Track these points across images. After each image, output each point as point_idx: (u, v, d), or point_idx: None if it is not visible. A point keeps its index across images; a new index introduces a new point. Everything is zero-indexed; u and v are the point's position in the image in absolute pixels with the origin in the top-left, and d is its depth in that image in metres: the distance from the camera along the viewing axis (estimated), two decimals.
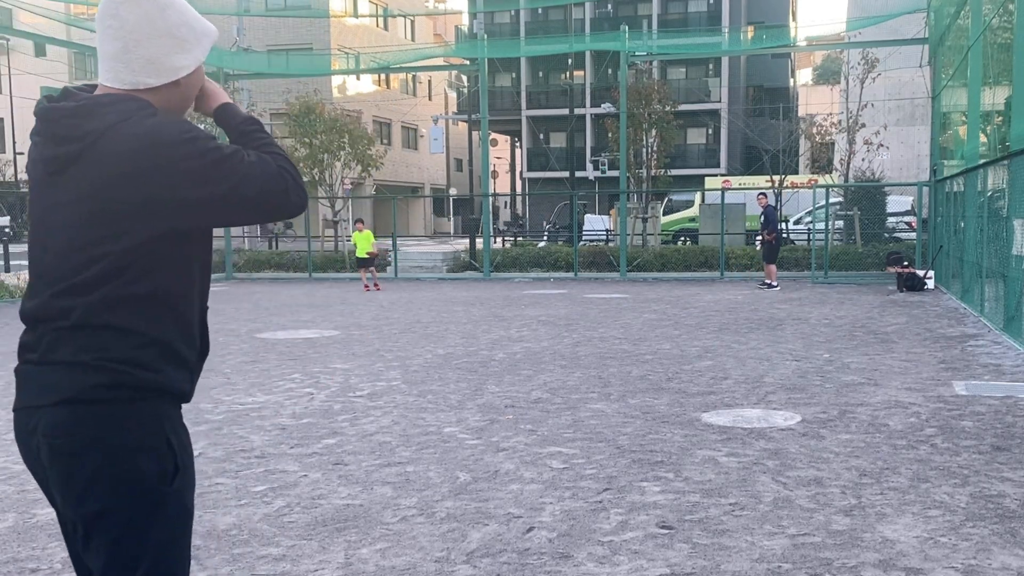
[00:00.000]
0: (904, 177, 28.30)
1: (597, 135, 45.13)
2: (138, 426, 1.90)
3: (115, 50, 1.97)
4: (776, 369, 8.20)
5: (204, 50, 2.06)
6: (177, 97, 2.04)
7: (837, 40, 29.97)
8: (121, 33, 1.96)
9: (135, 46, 1.96)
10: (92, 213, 1.89)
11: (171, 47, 1.99)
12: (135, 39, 1.96)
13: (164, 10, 1.98)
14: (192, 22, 2.03)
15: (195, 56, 2.04)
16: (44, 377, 1.90)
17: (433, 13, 58.29)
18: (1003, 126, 11.63)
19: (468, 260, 23.60)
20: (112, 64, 1.98)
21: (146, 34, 1.97)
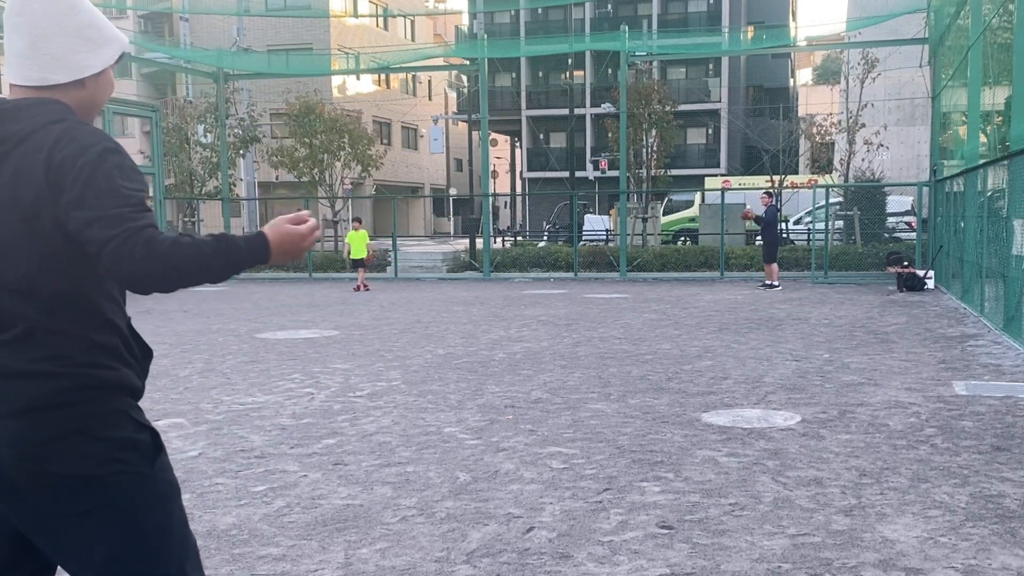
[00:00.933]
0: (904, 177, 28.30)
1: (597, 135, 45.13)
2: (110, 421, 1.91)
3: (23, 47, 1.98)
4: (776, 369, 8.20)
5: (112, 54, 2.06)
6: (84, 98, 2.04)
7: (837, 40, 29.96)
8: (28, 29, 1.97)
9: (42, 42, 1.97)
10: (7, 218, 1.89)
11: (78, 45, 2.00)
12: (42, 35, 1.97)
13: (72, 8, 2.00)
14: (100, 25, 2.05)
15: (102, 57, 2.04)
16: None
17: (433, 13, 58.29)
18: (1003, 126, 11.63)
19: (468, 260, 23.61)
20: (20, 61, 1.98)
21: (53, 31, 1.97)
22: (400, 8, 50.78)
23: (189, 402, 7.07)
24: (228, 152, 24.93)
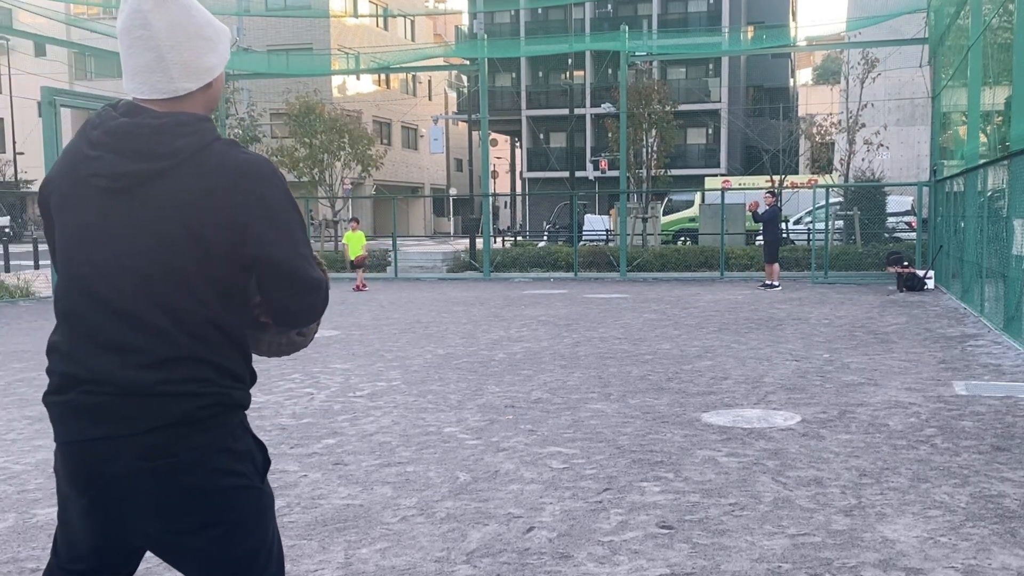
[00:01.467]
0: (904, 177, 28.30)
1: (597, 135, 45.13)
2: (232, 436, 1.96)
3: (149, 60, 1.96)
4: (776, 369, 8.20)
5: (227, 48, 2.07)
6: (210, 99, 2.06)
7: (837, 40, 29.96)
8: (153, 43, 1.95)
9: (170, 52, 1.96)
10: (177, 236, 1.87)
11: (203, 48, 2.00)
12: (169, 45, 1.96)
13: (190, 12, 1.99)
14: (212, 21, 2.05)
15: (221, 54, 2.05)
16: (127, 407, 1.89)
17: (433, 13, 58.30)
18: (1003, 126, 11.63)
19: (468, 260, 23.60)
20: (147, 76, 1.97)
21: (179, 39, 1.96)
22: (400, 8, 50.78)
23: None
24: None
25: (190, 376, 1.89)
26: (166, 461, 1.88)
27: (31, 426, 6.33)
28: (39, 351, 9.95)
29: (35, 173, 41.28)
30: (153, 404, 1.88)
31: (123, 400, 1.88)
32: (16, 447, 5.76)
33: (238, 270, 1.91)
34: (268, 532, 2.03)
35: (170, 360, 1.89)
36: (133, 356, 1.88)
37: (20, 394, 7.50)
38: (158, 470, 1.88)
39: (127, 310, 1.89)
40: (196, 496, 1.90)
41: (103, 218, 1.91)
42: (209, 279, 1.89)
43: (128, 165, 1.89)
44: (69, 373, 1.94)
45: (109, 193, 1.90)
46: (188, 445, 1.89)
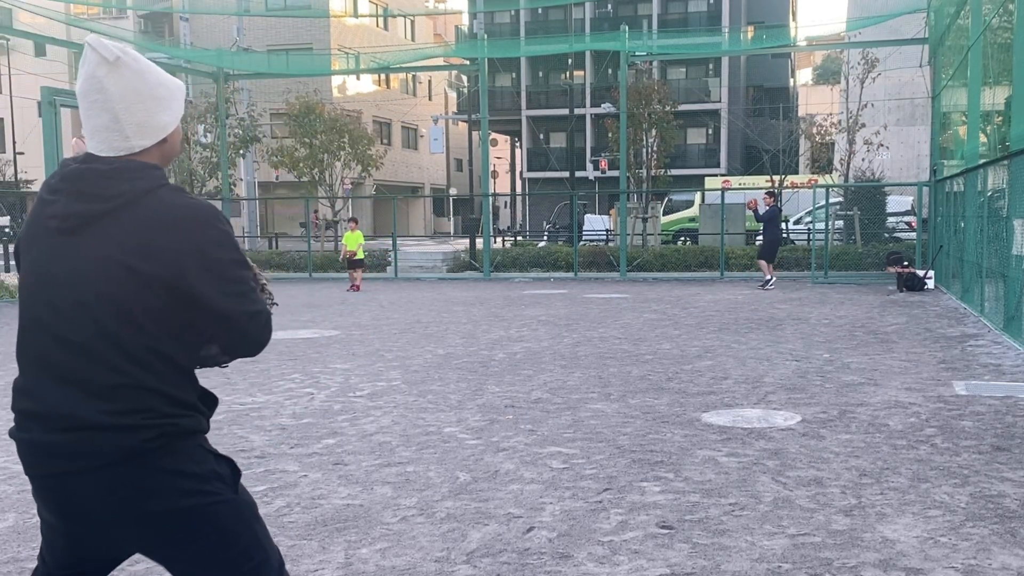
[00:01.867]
0: (904, 177, 28.31)
1: (597, 135, 45.14)
2: (191, 460, 2.05)
3: (106, 121, 2.09)
4: (776, 369, 8.20)
5: (180, 104, 2.20)
6: (166, 152, 2.19)
7: (837, 40, 29.96)
8: (109, 105, 2.08)
9: (124, 113, 2.09)
10: (118, 273, 1.99)
11: (156, 108, 2.13)
12: (123, 107, 2.09)
13: (143, 75, 2.12)
14: (166, 81, 2.18)
15: (175, 112, 2.17)
16: (80, 444, 1.98)
17: (433, 13, 58.30)
18: (1003, 126, 11.63)
19: (468, 260, 23.60)
20: (104, 135, 2.10)
21: (132, 100, 2.09)
22: (400, 8, 50.78)
23: None
24: (228, 152, 24.93)
25: (134, 407, 1.98)
26: (127, 491, 1.97)
27: None
28: None
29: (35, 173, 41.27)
30: (102, 439, 1.96)
31: (76, 435, 1.97)
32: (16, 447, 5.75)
33: (179, 305, 2.02)
34: (253, 533, 2.13)
35: (114, 387, 1.98)
36: (82, 387, 1.99)
37: None
38: (124, 500, 1.98)
39: (77, 343, 1.99)
40: (167, 519, 2.01)
41: (57, 258, 2.04)
42: (150, 311, 2.00)
43: (77, 206, 2.02)
44: (28, 410, 2.05)
45: (62, 233, 2.03)
46: (144, 475, 1.98)
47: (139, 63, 2.13)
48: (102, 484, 1.97)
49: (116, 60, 2.09)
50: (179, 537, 2.03)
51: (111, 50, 2.10)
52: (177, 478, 2.01)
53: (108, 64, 2.09)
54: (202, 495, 2.04)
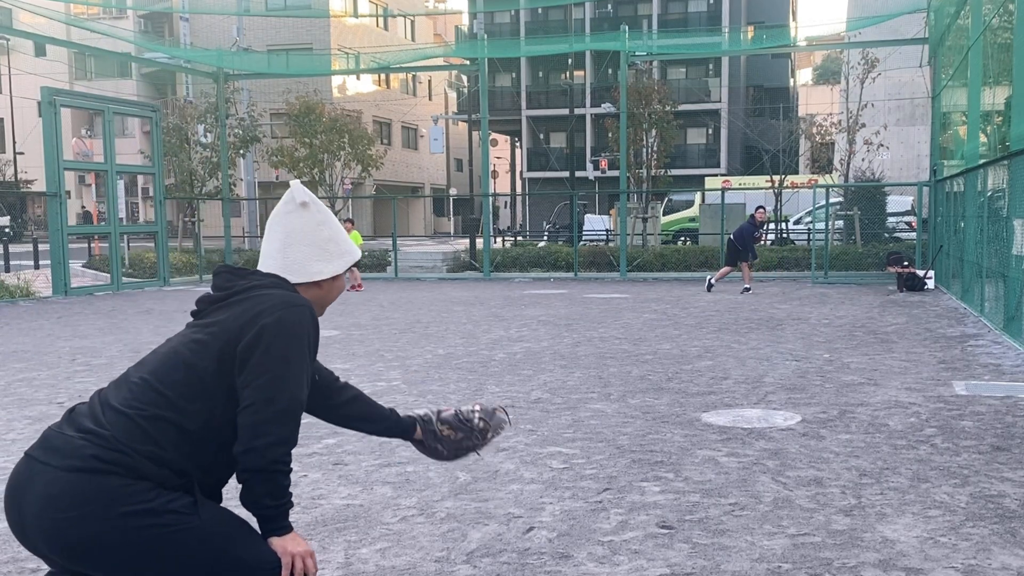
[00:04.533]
0: (904, 177, 28.31)
1: (597, 135, 45.13)
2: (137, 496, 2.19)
3: (275, 248, 2.44)
4: (776, 369, 8.20)
5: (343, 265, 2.49)
6: (317, 295, 2.47)
7: (837, 40, 29.97)
8: (282, 234, 2.44)
9: (288, 246, 2.43)
10: (214, 349, 2.28)
11: (317, 255, 2.44)
12: (291, 241, 2.43)
13: (319, 225, 2.45)
14: (340, 240, 2.49)
15: (334, 267, 2.47)
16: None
17: (433, 13, 58.30)
18: (1003, 126, 11.62)
19: (468, 260, 23.60)
20: (270, 258, 2.44)
21: (300, 241, 2.43)
22: (400, 8, 50.78)
23: None
24: (228, 152, 24.92)
25: (119, 441, 2.22)
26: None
27: (31, 426, 6.33)
28: (39, 351, 9.95)
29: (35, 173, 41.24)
30: (69, 446, 2.24)
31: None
32: (16, 447, 5.76)
33: (227, 392, 2.25)
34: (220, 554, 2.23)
35: (125, 421, 2.27)
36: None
37: (20, 394, 7.50)
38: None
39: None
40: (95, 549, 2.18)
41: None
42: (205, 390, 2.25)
43: (209, 295, 2.40)
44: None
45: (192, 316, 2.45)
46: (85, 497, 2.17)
47: (322, 215, 2.46)
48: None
49: (303, 204, 2.45)
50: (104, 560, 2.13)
51: (303, 195, 2.46)
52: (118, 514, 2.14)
53: (295, 204, 2.45)
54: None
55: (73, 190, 45.40)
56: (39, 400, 7.23)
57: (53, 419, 6.51)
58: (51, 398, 7.31)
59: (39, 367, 8.87)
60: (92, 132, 44.77)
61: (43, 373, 8.51)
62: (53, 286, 17.34)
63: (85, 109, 25.66)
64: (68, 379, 8.18)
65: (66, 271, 17.43)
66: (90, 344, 10.48)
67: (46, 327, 12.29)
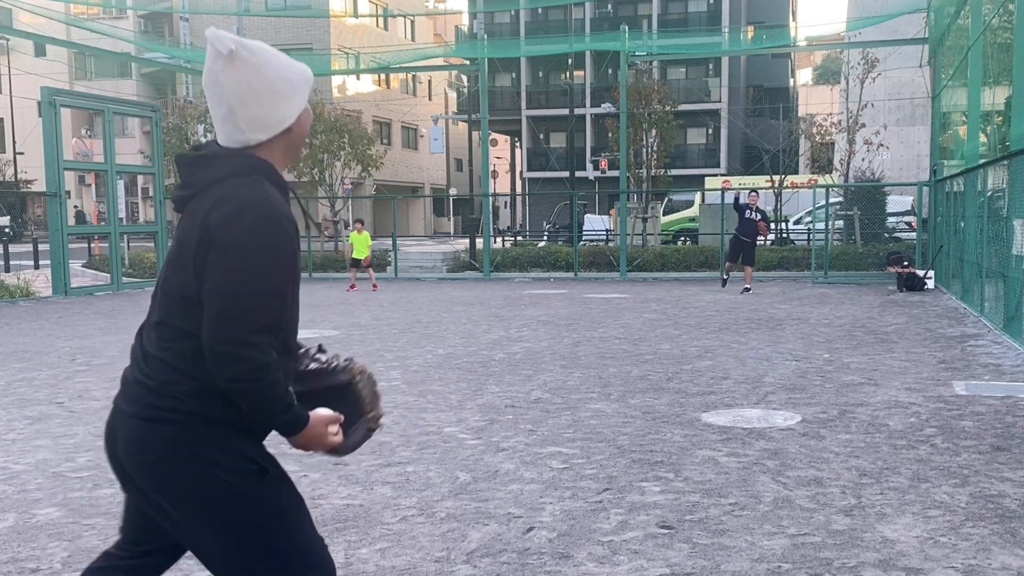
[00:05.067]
0: (904, 177, 28.31)
1: (597, 135, 45.13)
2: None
3: (223, 113, 2.14)
4: (776, 369, 8.20)
5: (303, 96, 2.20)
6: (291, 143, 2.22)
7: (837, 40, 29.97)
8: (224, 98, 2.12)
9: (240, 107, 2.12)
10: (185, 256, 2.10)
11: (272, 102, 2.13)
12: (238, 101, 2.11)
13: (260, 70, 2.12)
14: (287, 73, 2.17)
15: (296, 105, 2.18)
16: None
17: (433, 13, 58.30)
18: (1003, 126, 11.62)
19: (468, 260, 23.60)
20: (223, 126, 2.15)
21: (247, 96, 2.11)
22: (400, 8, 50.78)
23: None
24: None
25: (157, 374, 2.18)
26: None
27: (31, 426, 6.33)
28: (39, 351, 9.95)
29: (35, 173, 41.24)
30: (132, 391, 2.25)
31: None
32: (16, 447, 5.76)
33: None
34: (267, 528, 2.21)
35: (144, 356, 2.22)
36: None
37: (20, 394, 7.50)
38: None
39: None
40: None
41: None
42: (189, 295, 2.11)
43: (178, 192, 2.18)
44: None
45: (177, 215, 2.21)
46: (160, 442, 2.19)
47: (256, 56, 2.12)
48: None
49: (230, 54, 2.10)
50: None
51: (226, 43, 2.10)
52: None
53: (223, 58, 2.10)
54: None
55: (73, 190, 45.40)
56: (39, 400, 7.23)
57: (53, 419, 6.52)
58: (51, 398, 7.31)
59: (39, 367, 8.87)
60: (92, 132, 44.80)
61: (43, 373, 8.51)
62: (53, 286, 17.34)
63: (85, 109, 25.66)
64: (68, 379, 8.18)
65: (66, 271, 17.43)
66: (90, 344, 10.48)
67: (46, 327, 12.29)
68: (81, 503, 4.59)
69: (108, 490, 4.76)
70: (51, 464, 5.35)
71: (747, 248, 16.37)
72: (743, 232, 16.31)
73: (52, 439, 5.94)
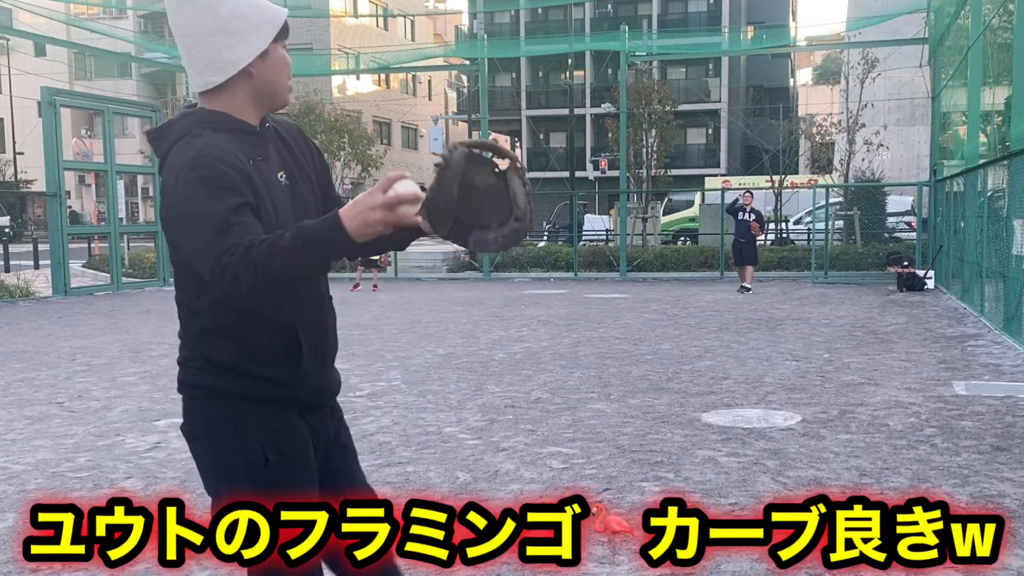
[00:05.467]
0: (904, 177, 28.31)
1: (597, 135, 45.13)
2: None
3: (184, 57, 2.08)
4: (776, 369, 8.19)
5: (264, 37, 2.06)
6: (255, 87, 2.08)
7: (837, 40, 29.97)
8: (181, 39, 2.06)
9: (194, 48, 2.04)
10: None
11: (226, 42, 2.02)
12: (192, 41, 2.04)
13: (212, 7, 2.02)
14: (245, 12, 2.04)
15: (253, 45, 2.04)
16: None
17: (433, 13, 58.30)
18: (1003, 126, 11.63)
19: (468, 260, 23.60)
20: (189, 73, 2.10)
21: (200, 34, 2.02)
22: (400, 8, 50.77)
23: None
24: None
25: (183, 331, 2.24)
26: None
27: (31, 426, 6.33)
28: (39, 351, 9.95)
29: (35, 173, 41.25)
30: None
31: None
32: (16, 447, 5.76)
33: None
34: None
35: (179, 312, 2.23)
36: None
37: (20, 394, 7.50)
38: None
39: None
40: None
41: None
42: (177, 263, 2.11)
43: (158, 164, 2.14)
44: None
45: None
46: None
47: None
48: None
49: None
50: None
51: None
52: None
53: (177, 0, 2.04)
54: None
55: (73, 190, 45.42)
56: (39, 400, 7.23)
57: (53, 419, 6.52)
58: (51, 398, 7.31)
59: (39, 367, 8.87)
60: (92, 132, 44.80)
61: (43, 373, 8.51)
62: (53, 286, 17.34)
63: (85, 109, 25.66)
64: (68, 379, 8.18)
65: (66, 271, 17.43)
66: (90, 344, 10.48)
67: (46, 327, 12.29)
68: (81, 503, 4.58)
69: (108, 490, 4.76)
70: (51, 464, 5.35)
71: (746, 248, 16.44)
72: (740, 234, 16.42)
73: (52, 439, 5.94)
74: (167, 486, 4.86)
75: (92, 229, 29.50)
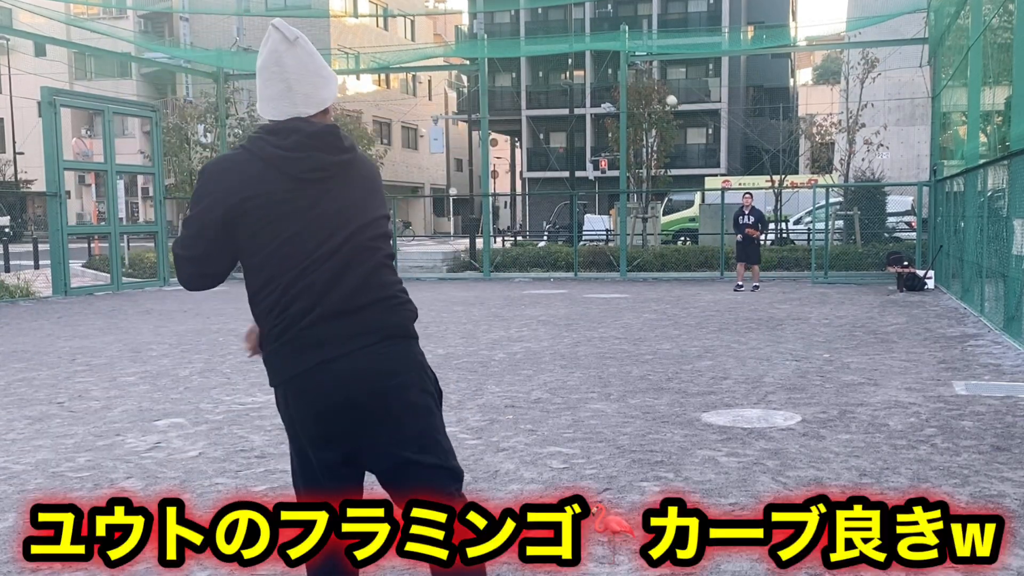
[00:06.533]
0: (904, 177, 28.31)
1: (597, 135, 45.14)
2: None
3: (280, 91, 2.51)
4: (776, 369, 8.20)
5: (336, 88, 2.64)
6: (325, 119, 2.62)
7: (837, 40, 29.95)
8: (284, 76, 2.50)
9: (297, 85, 2.51)
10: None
11: (321, 83, 2.55)
12: (297, 80, 2.51)
13: (313, 56, 2.56)
14: (326, 64, 2.60)
15: (333, 91, 2.60)
16: None
17: (433, 13, 58.29)
18: (1003, 126, 11.63)
19: (468, 260, 23.60)
20: (277, 103, 2.52)
21: (304, 75, 2.52)
22: (400, 8, 50.79)
23: (189, 402, 7.07)
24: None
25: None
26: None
27: (31, 426, 6.33)
28: (39, 351, 9.95)
29: (35, 173, 41.23)
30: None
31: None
32: (16, 447, 5.76)
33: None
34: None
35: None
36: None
37: (20, 394, 7.50)
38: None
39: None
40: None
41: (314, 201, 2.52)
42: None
43: (331, 157, 2.52)
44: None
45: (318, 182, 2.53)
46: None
47: (310, 46, 2.57)
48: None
49: (296, 39, 2.52)
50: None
51: (292, 30, 2.53)
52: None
53: (288, 42, 2.51)
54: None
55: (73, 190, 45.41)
56: (39, 400, 7.23)
57: (53, 419, 6.52)
58: (51, 398, 7.31)
59: (39, 367, 8.87)
60: (92, 132, 44.78)
61: (43, 373, 8.51)
62: (53, 286, 17.34)
63: (85, 109, 25.65)
64: (68, 379, 8.18)
65: (66, 271, 17.44)
66: (90, 344, 10.48)
67: (46, 327, 12.29)
68: (81, 503, 4.58)
69: (108, 490, 4.76)
70: (51, 464, 5.35)
71: (748, 248, 16.59)
72: (741, 234, 16.67)
73: (52, 439, 5.94)
74: (167, 486, 4.86)
75: (92, 229, 29.49)
